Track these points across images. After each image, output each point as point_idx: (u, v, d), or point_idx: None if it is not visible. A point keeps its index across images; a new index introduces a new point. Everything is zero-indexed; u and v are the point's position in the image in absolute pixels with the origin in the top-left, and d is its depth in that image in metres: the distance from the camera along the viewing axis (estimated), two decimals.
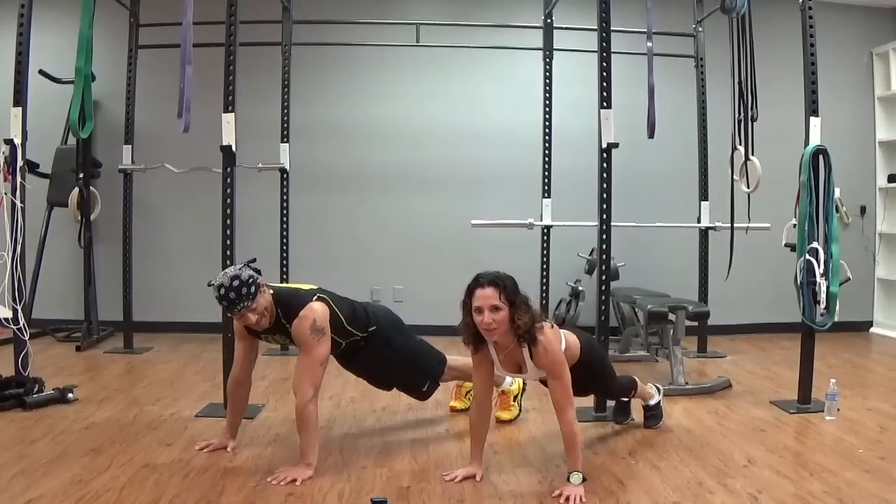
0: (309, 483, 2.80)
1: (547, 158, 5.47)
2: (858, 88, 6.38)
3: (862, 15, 6.37)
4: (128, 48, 5.34)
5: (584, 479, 2.74)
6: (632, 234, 5.42)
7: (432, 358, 3.47)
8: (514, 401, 3.69)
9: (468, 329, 2.80)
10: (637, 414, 3.61)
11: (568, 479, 2.73)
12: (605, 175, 3.68)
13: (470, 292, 2.74)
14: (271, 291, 3.00)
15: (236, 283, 2.83)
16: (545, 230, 5.44)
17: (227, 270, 2.92)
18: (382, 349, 3.28)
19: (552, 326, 2.90)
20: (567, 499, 2.64)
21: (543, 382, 3.16)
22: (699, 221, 5.40)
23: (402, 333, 3.41)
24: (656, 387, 3.61)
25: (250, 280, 2.86)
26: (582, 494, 2.66)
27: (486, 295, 2.69)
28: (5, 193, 3.87)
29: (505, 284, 2.70)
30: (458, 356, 3.62)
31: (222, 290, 2.83)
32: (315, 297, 3.03)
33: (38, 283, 5.54)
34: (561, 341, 2.89)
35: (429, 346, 3.51)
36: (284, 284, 3.30)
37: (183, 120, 3.48)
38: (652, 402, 3.54)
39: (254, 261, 3.01)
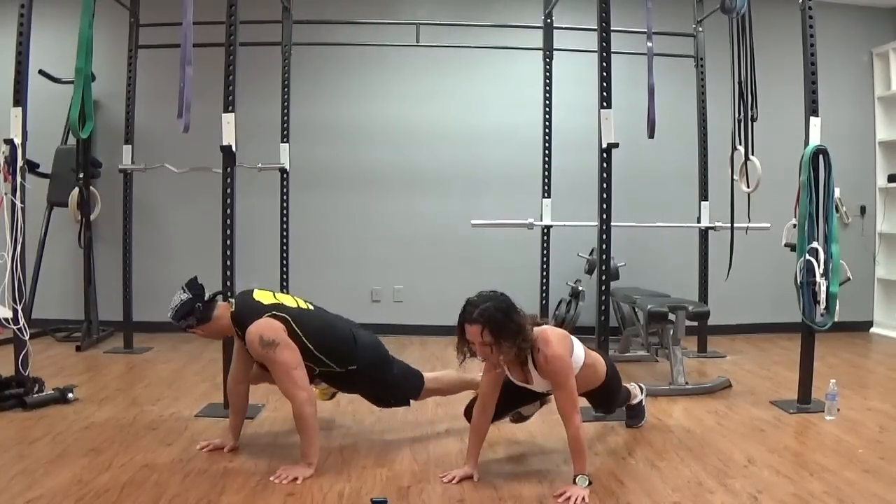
0: (309, 483, 2.80)
1: (547, 158, 5.47)
2: (858, 88, 6.38)
3: (862, 15, 6.37)
4: (128, 48, 5.33)
5: (591, 483, 2.74)
6: (632, 234, 5.42)
7: (412, 379, 3.40)
8: None
9: (467, 349, 2.79)
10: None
11: (574, 482, 2.72)
12: (605, 175, 3.68)
13: (461, 322, 2.74)
14: (233, 309, 3.01)
15: (170, 314, 2.99)
16: (545, 230, 5.44)
17: (174, 297, 3.00)
18: (361, 383, 3.25)
19: (564, 334, 2.88)
20: (568, 499, 2.64)
21: (542, 403, 3.16)
22: (699, 221, 5.40)
23: (385, 368, 3.30)
24: (639, 386, 3.60)
25: (188, 321, 2.98)
26: (586, 496, 2.66)
27: (471, 332, 2.70)
28: (5, 193, 3.87)
29: (488, 321, 2.66)
30: (434, 373, 3.56)
31: (169, 313, 3.00)
32: (268, 314, 2.96)
33: (38, 283, 5.54)
34: (569, 348, 2.86)
35: (409, 369, 3.43)
36: (261, 293, 3.11)
37: (183, 120, 3.48)
38: (634, 402, 3.53)
39: (218, 294, 3.10)
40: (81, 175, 5.41)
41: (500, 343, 2.69)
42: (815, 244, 3.70)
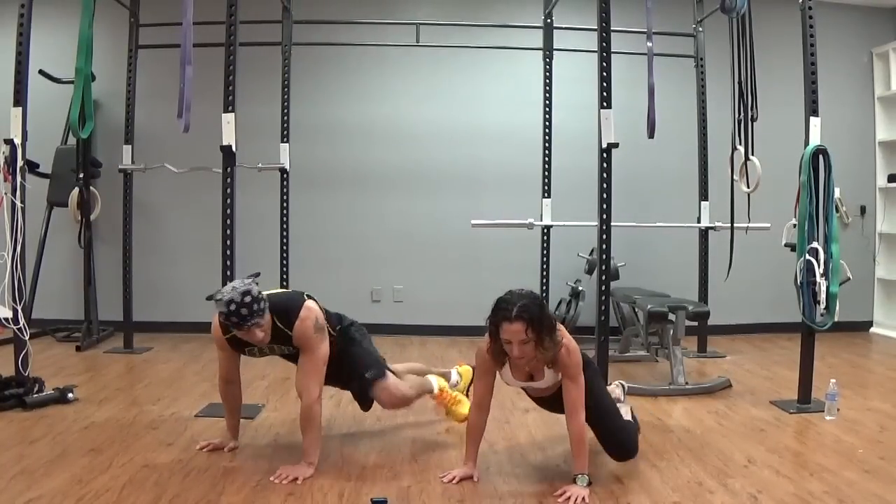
0: (309, 483, 2.81)
1: (547, 158, 5.48)
2: (858, 88, 6.38)
3: (862, 15, 6.37)
4: (128, 48, 5.33)
5: (591, 482, 2.74)
6: (632, 234, 5.42)
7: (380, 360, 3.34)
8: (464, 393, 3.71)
9: (497, 349, 2.75)
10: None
11: (574, 481, 2.72)
12: (605, 175, 3.68)
13: (497, 323, 2.67)
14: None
15: (248, 298, 2.74)
16: (545, 230, 5.44)
17: (234, 285, 2.80)
18: (350, 344, 3.19)
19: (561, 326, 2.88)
20: (569, 498, 2.64)
21: (537, 401, 3.12)
22: (699, 221, 5.40)
23: (362, 331, 3.31)
24: (622, 386, 3.52)
25: (260, 296, 2.80)
26: (586, 496, 2.66)
27: (514, 330, 2.62)
28: (5, 193, 3.87)
29: (531, 318, 2.62)
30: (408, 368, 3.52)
31: (232, 307, 2.72)
32: (306, 297, 3.03)
33: (38, 283, 5.54)
34: None
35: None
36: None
37: (183, 120, 3.48)
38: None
39: (257, 275, 2.96)
40: (81, 175, 5.41)
41: (543, 340, 2.65)
42: (815, 244, 3.70)
